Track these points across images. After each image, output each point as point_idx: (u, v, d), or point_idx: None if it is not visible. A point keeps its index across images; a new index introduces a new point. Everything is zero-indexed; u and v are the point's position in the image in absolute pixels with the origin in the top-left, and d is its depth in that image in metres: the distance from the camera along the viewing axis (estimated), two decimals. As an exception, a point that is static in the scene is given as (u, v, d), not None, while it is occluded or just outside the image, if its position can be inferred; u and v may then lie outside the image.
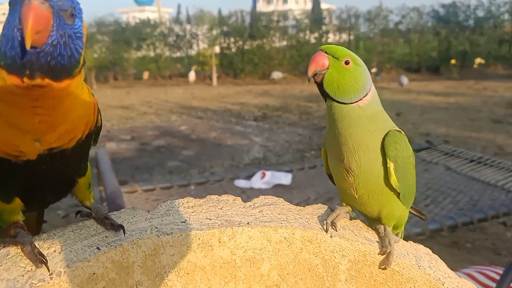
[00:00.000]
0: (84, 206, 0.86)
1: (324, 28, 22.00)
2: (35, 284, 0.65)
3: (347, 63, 0.84)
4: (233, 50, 21.15)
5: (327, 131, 0.93)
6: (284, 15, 23.22)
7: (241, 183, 5.00)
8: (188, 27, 22.59)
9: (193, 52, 22.40)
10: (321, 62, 0.84)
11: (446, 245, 3.84)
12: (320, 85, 0.86)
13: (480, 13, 20.86)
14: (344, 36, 22.53)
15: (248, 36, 20.82)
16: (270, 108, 11.77)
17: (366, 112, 0.86)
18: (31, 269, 0.68)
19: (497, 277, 1.98)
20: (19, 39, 0.59)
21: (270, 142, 8.01)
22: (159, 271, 0.77)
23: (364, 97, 0.85)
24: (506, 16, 20.77)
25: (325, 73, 0.85)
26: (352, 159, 0.87)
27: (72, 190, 0.84)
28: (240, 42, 21.00)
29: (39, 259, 0.69)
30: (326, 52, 0.85)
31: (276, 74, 19.39)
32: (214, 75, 19.21)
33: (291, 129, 9.07)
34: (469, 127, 8.43)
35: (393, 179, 0.88)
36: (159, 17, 26.76)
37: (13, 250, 0.71)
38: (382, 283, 0.93)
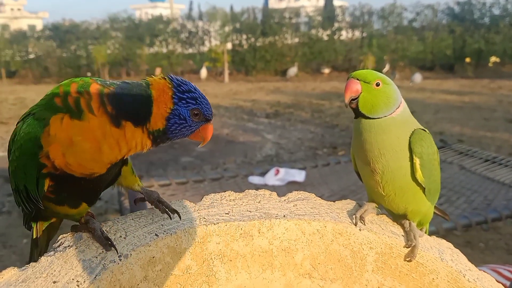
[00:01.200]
0: (134, 190, 0.94)
1: (336, 25, 21.89)
2: (107, 265, 0.73)
3: (377, 85, 0.93)
4: (245, 47, 21.16)
5: (354, 139, 1.00)
6: (296, 12, 23.14)
7: (255, 179, 5.06)
8: (200, 23, 22.65)
9: (205, 48, 22.48)
10: (354, 88, 0.93)
11: (459, 245, 3.85)
12: (355, 108, 0.95)
13: (496, 11, 20.58)
14: (357, 34, 22.39)
15: (260, 33, 20.82)
16: (282, 105, 11.80)
17: (397, 121, 0.94)
18: (102, 251, 0.76)
19: (511, 276, 2.02)
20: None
21: (282, 139, 8.05)
22: (206, 257, 0.84)
23: (397, 109, 0.94)
24: (522, 15, 20.47)
25: (359, 98, 0.93)
26: (378, 162, 0.95)
27: (118, 180, 0.93)
28: (252, 39, 21.00)
29: (108, 243, 0.78)
30: (357, 79, 0.94)
31: (292, 71, 19.22)
32: (226, 72, 19.27)
33: (303, 126, 9.09)
34: (483, 127, 8.38)
35: (419, 174, 0.95)
36: (171, 14, 26.89)
37: (85, 235, 0.79)
38: (407, 274, 0.99)
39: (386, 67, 18.80)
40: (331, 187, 4.52)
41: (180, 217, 0.87)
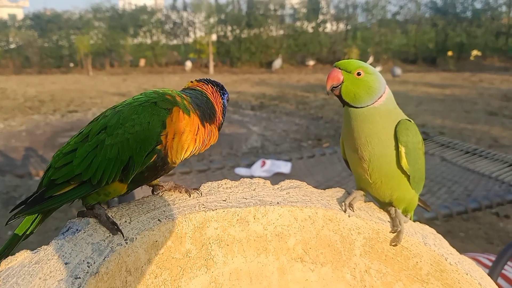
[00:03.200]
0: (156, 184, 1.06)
1: (321, 17, 21.97)
2: (115, 247, 0.77)
3: (359, 74, 0.97)
4: (230, 38, 21.09)
5: (343, 126, 1.05)
6: (281, 4, 23.11)
7: (241, 171, 5.10)
8: (185, 14, 22.45)
9: (190, 40, 22.31)
10: (336, 77, 0.98)
11: (440, 234, 3.98)
12: (339, 96, 0.99)
13: (478, 5, 20.97)
14: (342, 26, 22.51)
15: (245, 25, 20.76)
16: (267, 97, 11.82)
17: (381, 110, 0.98)
18: (109, 235, 0.80)
19: (490, 264, 2.10)
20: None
21: (267, 131, 8.09)
22: (204, 242, 0.88)
23: (379, 98, 0.97)
24: (504, 8, 20.84)
25: (341, 86, 0.97)
26: (365, 150, 0.99)
27: None
28: (237, 31, 20.94)
29: (115, 227, 0.82)
30: (339, 68, 0.98)
31: (277, 63, 19.19)
32: (211, 63, 19.20)
33: (288, 118, 9.15)
34: (464, 119, 8.56)
35: (404, 162, 1.00)
36: (155, 4, 26.57)
37: (92, 220, 0.83)
38: (392, 258, 1.05)
39: (370, 60, 18.96)
40: (317, 178, 4.59)
41: (201, 194, 1.02)
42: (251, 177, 3.86)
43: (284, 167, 5.07)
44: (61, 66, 19.78)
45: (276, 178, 4.57)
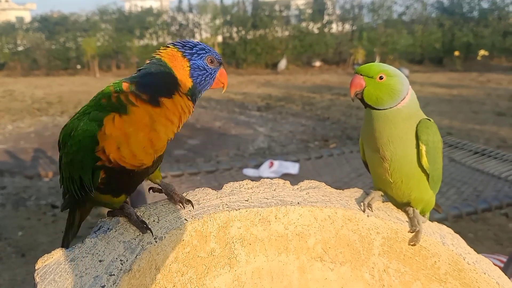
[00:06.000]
0: (154, 183, 1.01)
1: (327, 18, 21.93)
2: (145, 246, 0.79)
3: (381, 78, 0.98)
4: (236, 39, 21.10)
5: (364, 127, 1.06)
6: (286, 5, 23.11)
7: (249, 172, 5.11)
8: (190, 16, 22.51)
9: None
10: (358, 84, 1.00)
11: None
12: (362, 100, 1.01)
13: (485, 5, 20.79)
14: (347, 27, 22.46)
15: (251, 26, 20.77)
16: (273, 98, 11.82)
17: (402, 112, 1.00)
18: (139, 234, 0.82)
19: (500, 264, 2.10)
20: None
21: (274, 132, 8.09)
22: (228, 241, 0.90)
23: (402, 100, 0.99)
24: (511, 8, 20.70)
25: (364, 91, 0.99)
26: (387, 149, 1.01)
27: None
28: (243, 32, 20.95)
29: (144, 226, 0.84)
30: (361, 74, 1.00)
31: (283, 63, 19.18)
32: (217, 65, 19.21)
33: (295, 119, 9.15)
34: (472, 120, 8.51)
35: (425, 161, 1.01)
36: (161, 6, 26.69)
37: (122, 219, 0.85)
38: (411, 257, 1.06)
39: (377, 60, 18.88)
40: (325, 179, 4.57)
41: (193, 207, 0.94)
42: (259, 178, 3.87)
43: (292, 168, 5.07)
44: (68, 68, 19.90)
45: (284, 179, 4.57)
